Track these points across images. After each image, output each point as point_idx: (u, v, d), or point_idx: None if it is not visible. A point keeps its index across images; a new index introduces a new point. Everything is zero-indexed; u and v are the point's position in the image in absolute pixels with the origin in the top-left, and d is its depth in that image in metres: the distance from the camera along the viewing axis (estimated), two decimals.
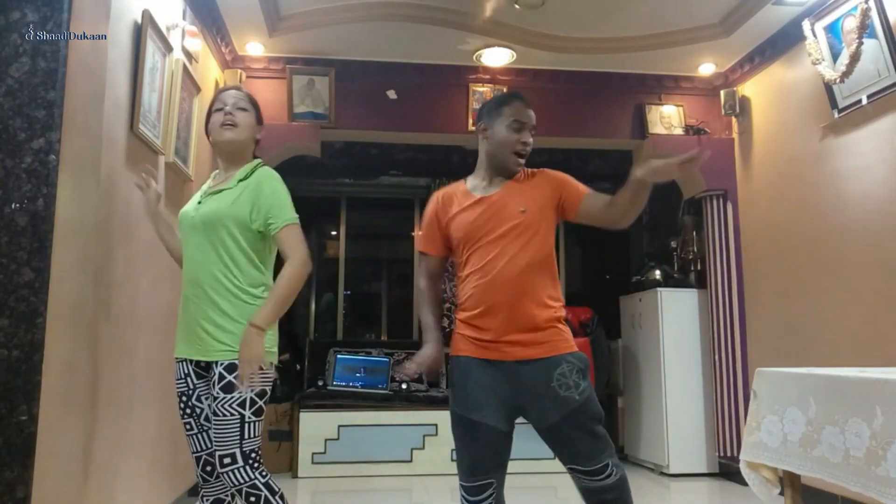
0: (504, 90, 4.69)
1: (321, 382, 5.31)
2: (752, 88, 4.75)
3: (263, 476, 2.07)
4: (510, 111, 2.20)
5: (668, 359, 4.96)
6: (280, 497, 2.08)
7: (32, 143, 2.42)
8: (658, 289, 5.13)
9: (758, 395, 2.41)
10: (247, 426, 2.06)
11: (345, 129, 4.88)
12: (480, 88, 4.86)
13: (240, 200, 2.16)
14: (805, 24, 3.86)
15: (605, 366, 5.50)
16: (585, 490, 2.08)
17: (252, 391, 2.07)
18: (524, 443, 2.27)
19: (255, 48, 4.57)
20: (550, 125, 4.73)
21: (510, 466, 2.13)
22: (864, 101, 3.58)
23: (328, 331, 6.58)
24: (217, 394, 2.07)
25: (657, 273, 5.44)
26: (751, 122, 4.75)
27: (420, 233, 2.38)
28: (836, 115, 3.79)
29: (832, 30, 3.72)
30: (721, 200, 4.91)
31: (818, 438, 2.09)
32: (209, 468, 2.19)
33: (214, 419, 2.07)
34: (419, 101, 4.87)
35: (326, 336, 6.43)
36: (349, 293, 6.81)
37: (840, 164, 3.82)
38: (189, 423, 2.20)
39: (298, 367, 5.91)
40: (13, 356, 2.33)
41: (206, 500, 2.23)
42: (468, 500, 2.07)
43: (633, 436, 5.46)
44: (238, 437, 2.05)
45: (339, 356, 5.44)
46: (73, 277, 2.45)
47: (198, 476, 2.22)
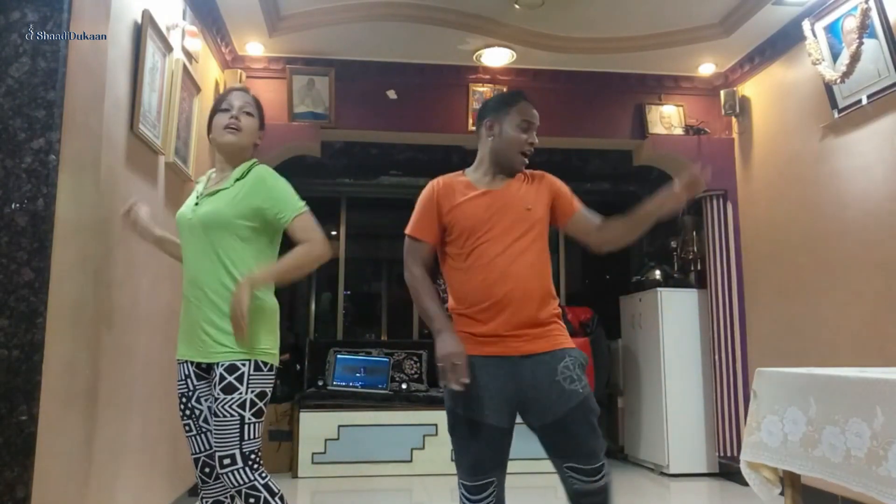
0: (504, 90, 4.69)
1: (321, 382, 5.32)
2: (752, 88, 4.75)
3: (263, 477, 2.07)
4: (519, 111, 2.19)
5: (668, 359, 4.96)
6: (280, 498, 2.07)
7: (32, 143, 2.42)
8: (658, 289, 5.13)
9: (758, 395, 2.41)
10: (247, 427, 2.06)
11: (345, 129, 4.88)
12: (480, 88, 4.86)
13: (238, 198, 2.16)
14: (805, 24, 3.86)
15: (605, 366, 5.50)
16: (576, 493, 2.05)
17: (252, 392, 2.08)
18: (524, 443, 2.26)
19: (255, 48, 4.57)
20: (550, 125, 4.66)
21: (510, 466, 2.12)
22: (864, 101, 3.58)
23: (328, 331, 6.58)
24: (217, 395, 2.07)
25: (657, 273, 5.44)
26: (751, 122, 4.75)
27: (414, 219, 2.24)
28: (836, 115, 3.79)
29: (832, 30, 3.72)
30: (721, 200, 4.91)
31: (819, 438, 2.09)
32: (208, 470, 2.18)
33: (214, 420, 2.07)
34: (419, 101, 4.87)
35: (326, 336, 6.42)
36: (349, 293, 6.81)
37: (840, 164, 3.82)
38: (188, 425, 2.19)
39: (298, 367, 5.91)
40: (13, 356, 2.33)
41: (206, 502, 2.23)
42: (469, 499, 2.06)
43: (633, 436, 5.47)
44: (238, 439, 2.05)
45: (339, 356, 5.44)
46: (73, 277, 2.45)
47: (197, 477, 2.22)
